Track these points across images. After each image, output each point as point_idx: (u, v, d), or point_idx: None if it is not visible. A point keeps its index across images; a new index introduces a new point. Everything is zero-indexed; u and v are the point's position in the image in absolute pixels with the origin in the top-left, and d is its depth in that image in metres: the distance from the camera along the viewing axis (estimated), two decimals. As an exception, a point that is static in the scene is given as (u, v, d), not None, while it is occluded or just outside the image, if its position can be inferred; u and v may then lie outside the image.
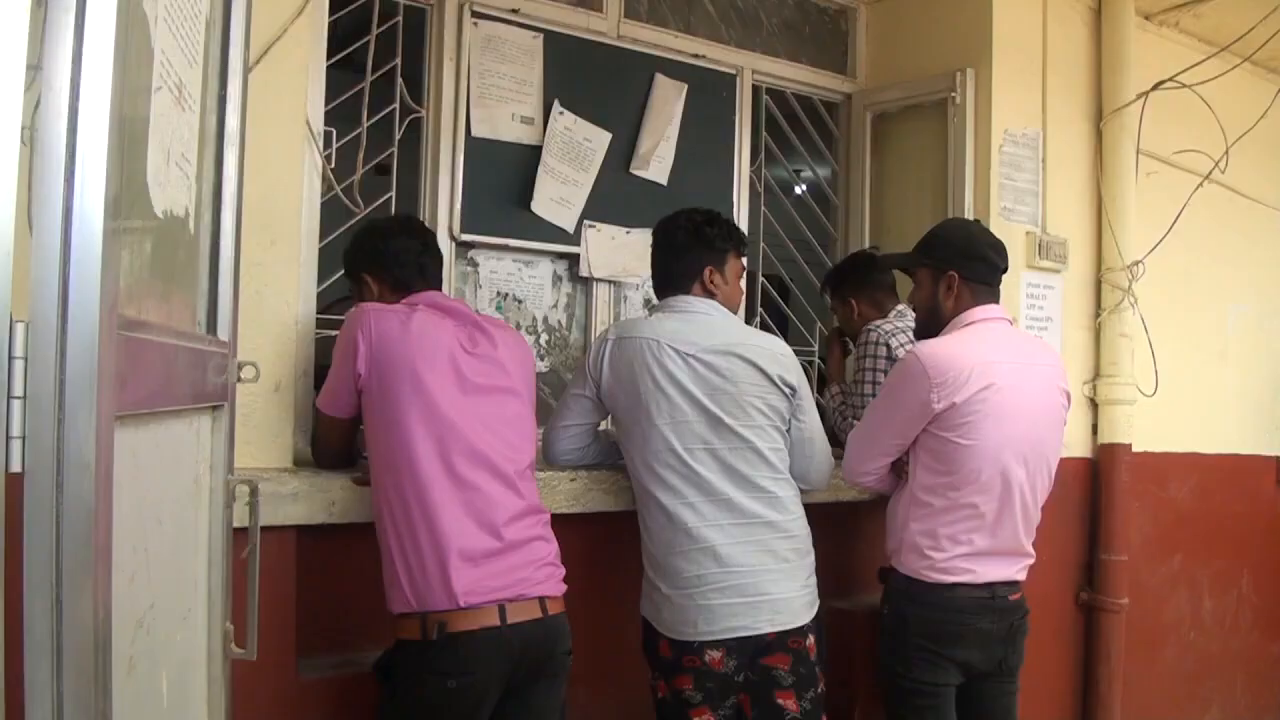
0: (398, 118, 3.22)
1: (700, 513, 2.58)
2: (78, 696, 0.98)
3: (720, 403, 2.59)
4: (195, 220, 1.60)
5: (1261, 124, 4.41)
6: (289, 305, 2.57)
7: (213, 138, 1.70)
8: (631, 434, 2.66)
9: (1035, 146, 3.98)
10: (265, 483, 2.31)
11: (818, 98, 4.21)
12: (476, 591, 2.21)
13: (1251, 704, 5.05)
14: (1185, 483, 4.58)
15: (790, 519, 2.66)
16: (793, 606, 2.64)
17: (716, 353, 2.62)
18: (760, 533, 2.61)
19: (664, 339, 2.62)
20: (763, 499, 2.62)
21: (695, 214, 2.81)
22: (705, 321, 2.70)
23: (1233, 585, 4.90)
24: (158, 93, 1.30)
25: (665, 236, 2.82)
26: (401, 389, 2.27)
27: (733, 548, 2.58)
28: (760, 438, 2.63)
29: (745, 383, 2.62)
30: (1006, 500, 2.64)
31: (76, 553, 0.97)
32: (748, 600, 2.59)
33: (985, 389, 2.56)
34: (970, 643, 2.66)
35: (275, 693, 2.41)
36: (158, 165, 1.32)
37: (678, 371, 2.59)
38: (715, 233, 2.78)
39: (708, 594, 2.57)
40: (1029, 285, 3.92)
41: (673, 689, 2.64)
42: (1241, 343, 4.89)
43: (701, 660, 2.59)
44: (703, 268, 2.75)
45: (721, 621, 2.58)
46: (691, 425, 2.58)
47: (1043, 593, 3.43)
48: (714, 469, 2.59)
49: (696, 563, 2.58)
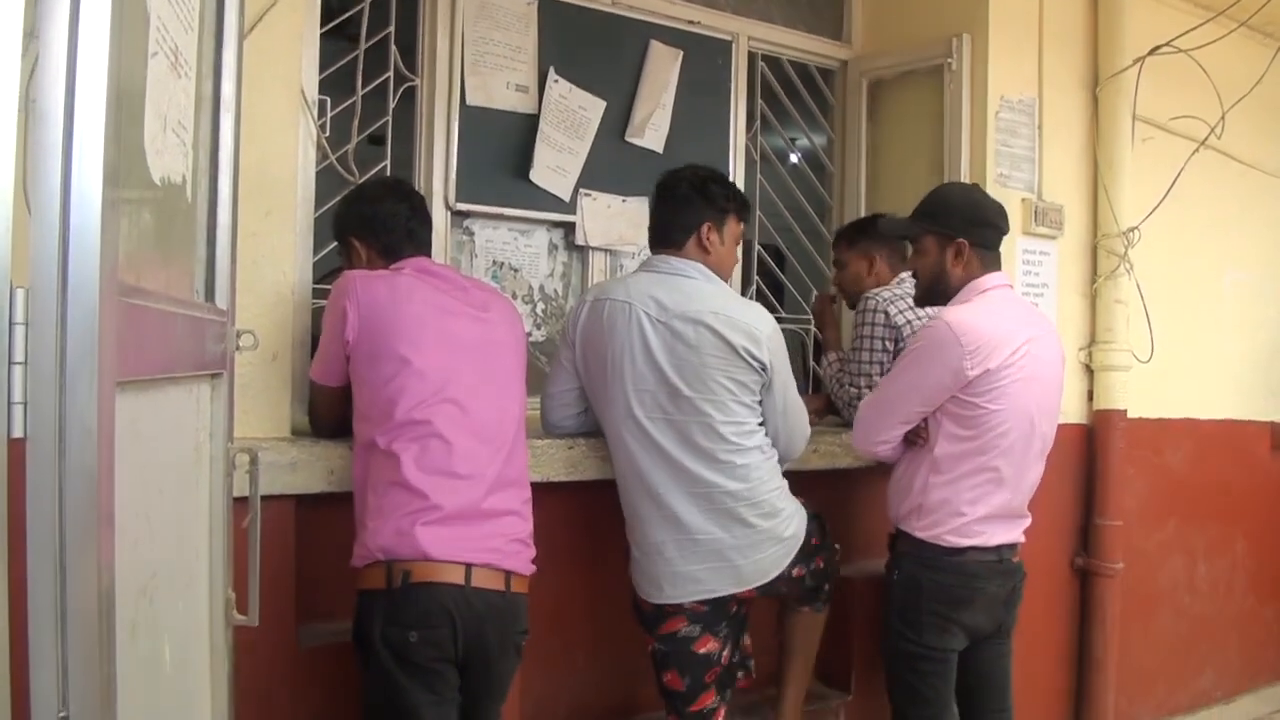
0: (392, 86, 3.21)
1: (661, 479, 2.60)
2: (82, 662, 0.99)
3: (681, 373, 2.57)
4: (192, 188, 1.60)
5: (1258, 88, 4.39)
6: (285, 275, 2.56)
7: (209, 105, 1.70)
8: (600, 397, 2.67)
9: (1031, 113, 3.96)
10: (265, 452, 2.32)
11: (813, 64, 4.19)
12: (444, 548, 2.21)
13: (1246, 668, 5.09)
14: (1180, 449, 4.60)
15: (752, 486, 2.63)
16: (761, 567, 2.67)
17: (686, 320, 2.59)
18: (722, 500, 2.61)
19: (636, 303, 2.62)
20: (721, 469, 2.60)
21: (700, 169, 2.79)
22: (683, 285, 2.66)
23: (1227, 550, 4.93)
24: (154, 58, 1.29)
25: (667, 188, 2.77)
26: (390, 353, 2.27)
27: (694, 515, 2.60)
28: (719, 411, 2.59)
29: (709, 354, 2.58)
30: (1022, 464, 2.67)
31: (80, 518, 0.97)
32: (712, 566, 2.63)
33: (1014, 354, 2.58)
34: (979, 607, 2.69)
35: (275, 660, 2.43)
36: (154, 132, 1.32)
37: (645, 338, 2.59)
38: (719, 190, 2.75)
39: (672, 559, 2.61)
40: (1025, 252, 3.92)
41: (661, 636, 2.70)
42: (1237, 309, 4.89)
43: (682, 608, 2.66)
44: (701, 222, 2.71)
45: (687, 585, 2.63)
46: (653, 393, 2.59)
47: (1038, 557, 3.45)
48: (672, 439, 2.59)
49: (660, 527, 2.61)
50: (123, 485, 1.08)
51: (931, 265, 2.77)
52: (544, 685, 2.96)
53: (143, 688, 1.34)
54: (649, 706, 3.07)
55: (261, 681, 2.38)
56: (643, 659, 2.89)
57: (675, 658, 2.69)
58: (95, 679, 1.00)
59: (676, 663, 2.69)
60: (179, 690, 1.59)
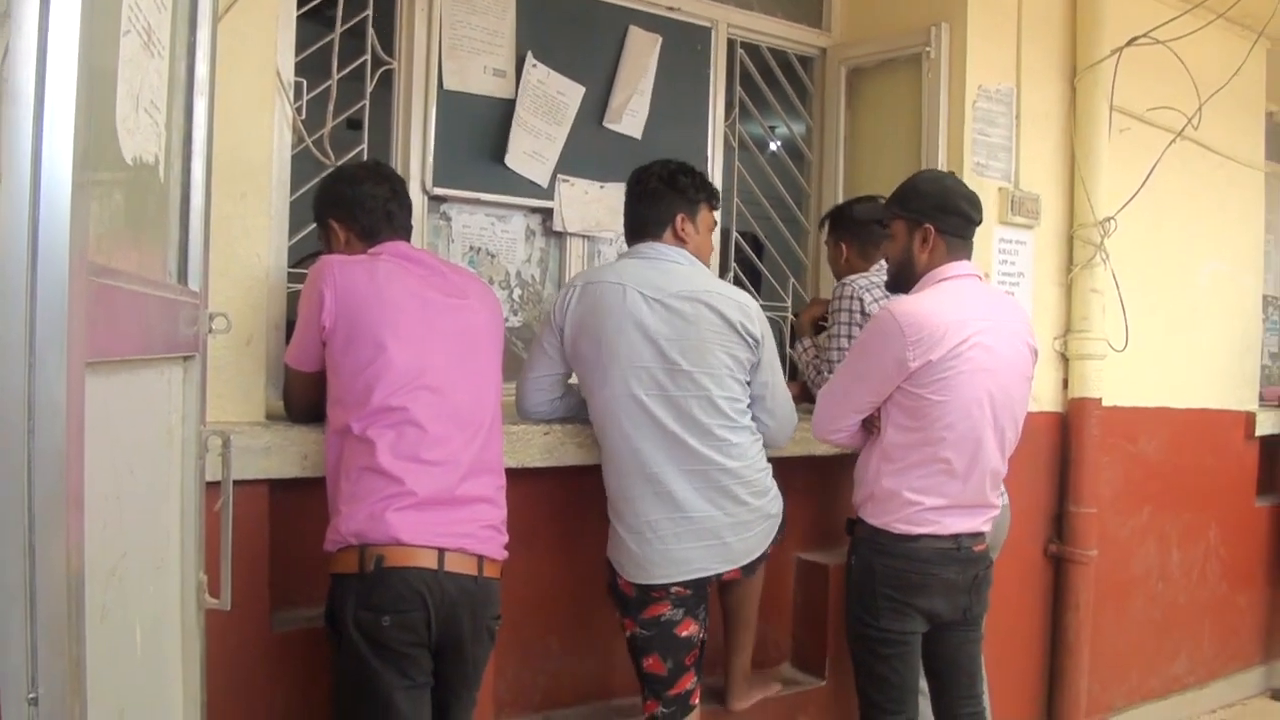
0: (369, 70, 3.19)
1: (657, 457, 2.62)
2: (51, 643, 0.98)
3: (681, 349, 2.62)
4: (165, 169, 1.59)
5: (1235, 80, 4.42)
6: (260, 258, 2.55)
7: (182, 86, 1.69)
8: (592, 375, 2.68)
9: (1009, 102, 3.98)
10: (238, 436, 2.30)
11: (792, 52, 4.19)
12: (417, 533, 2.21)
13: (1219, 653, 5.15)
14: (1155, 437, 4.64)
15: (746, 465, 2.71)
16: (749, 546, 2.75)
17: (682, 298, 2.65)
18: (718, 478, 2.66)
19: (629, 284, 2.65)
20: (718, 446, 2.65)
21: (669, 163, 2.84)
22: (672, 268, 2.72)
23: (1201, 538, 4.97)
24: (126, 37, 1.29)
25: (639, 184, 2.83)
26: (367, 339, 2.27)
27: (689, 493, 2.63)
28: (718, 386, 2.66)
29: (708, 330, 2.65)
30: (976, 455, 2.66)
31: (48, 498, 0.97)
32: (705, 544, 2.67)
33: (959, 346, 2.57)
34: (935, 592, 2.70)
35: (248, 644, 2.44)
36: (126, 111, 1.31)
37: (642, 316, 2.62)
38: (688, 182, 2.80)
39: (665, 538, 2.63)
40: (1001, 241, 3.94)
41: (644, 621, 2.71)
42: (1213, 299, 4.93)
43: (669, 593, 2.68)
44: (674, 214, 2.77)
45: (678, 565, 2.66)
46: (650, 370, 2.62)
47: (1012, 544, 3.47)
48: (670, 414, 2.62)
49: (654, 506, 2.63)
50: (92, 466, 1.08)
51: (900, 250, 2.79)
52: (518, 670, 2.97)
53: (113, 669, 1.34)
54: (624, 691, 3.09)
55: (234, 665, 2.39)
56: (618, 644, 2.90)
57: (658, 642, 2.71)
58: (64, 661, 1.00)
59: (659, 647, 2.71)
60: (150, 672, 1.59)
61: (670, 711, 2.74)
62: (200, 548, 1.82)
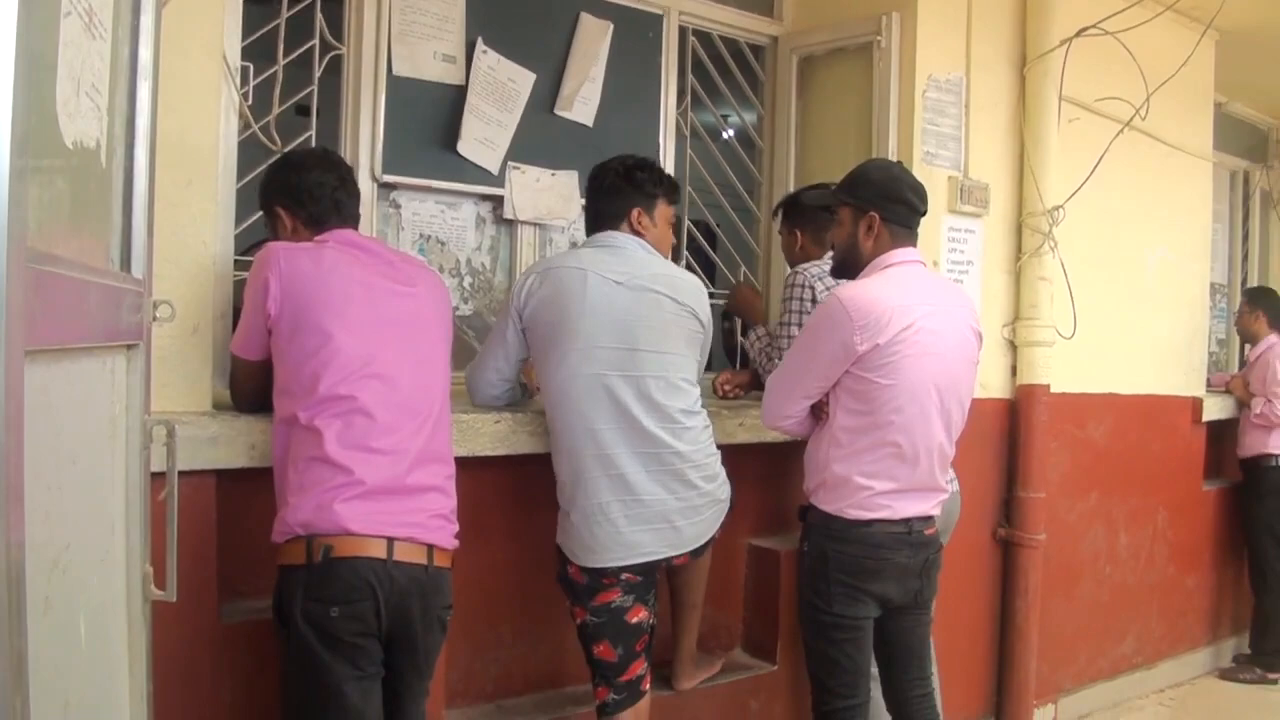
0: (317, 55, 3.15)
1: (612, 438, 2.64)
2: (-9, 635, 0.97)
3: (641, 330, 2.66)
4: (107, 154, 1.56)
5: (1183, 71, 4.49)
6: (206, 246, 2.52)
7: (125, 69, 1.66)
8: (551, 357, 2.69)
9: (959, 92, 4.01)
10: (184, 426, 2.29)
11: (744, 40, 4.19)
12: (366, 523, 2.19)
13: (1167, 634, 5.25)
14: (1103, 422, 4.71)
15: (697, 449, 2.75)
16: (699, 530, 2.79)
17: (641, 281, 2.70)
18: (670, 460, 2.69)
19: (590, 268, 2.69)
20: (673, 429, 2.69)
21: (627, 158, 2.88)
22: (630, 255, 2.76)
23: (1149, 521, 5.06)
24: (67, 18, 1.27)
25: (596, 180, 2.88)
26: (313, 327, 2.24)
27: (641, 475, 2.66)
28: (676, 368, 2.72)
29: (668, 313, 2.71)
30: (924, 439, 2.68)
31: (-13, 490, 0.95)
32: (655, 528, 2.69)
33: (905, 330, 2.60)
34: (888, 576, 2.72)
35: (197, 636, 2.41)
36: (67, 95, 1.29)
37: (603, 298, 2.65)
38: (645, 176, 2.84)
39: (616, 521, 2.65)
40: (950, 229, 3.97)
41: (594, 608, 2.72)
42: (1160, 287, 5.00)
43: (620, 580, 2.70)
44: (630, 208, 2.82)
45: (629, 549, 2.67)
46: (611, 350, 2.64)
47: (962, 529, 3.51)
48: (629, 394, 2.64)
49: (605, 488, 2.64)
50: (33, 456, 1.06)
51: (845, 237, 2.81)
52: (470, 659, 2.97)
53: (57, 662, 1.33)
54: (575, 679, 3.09)
55: (182, 657, 2.36)
56: (569, 632, 2.90)
57: (609, 629, 2.72)
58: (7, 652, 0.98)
59: (610, 634, 2.72)
60: (96, 664, 1.57)
61: (621, 698, 2.75)
62: (145, 539, 1.80)
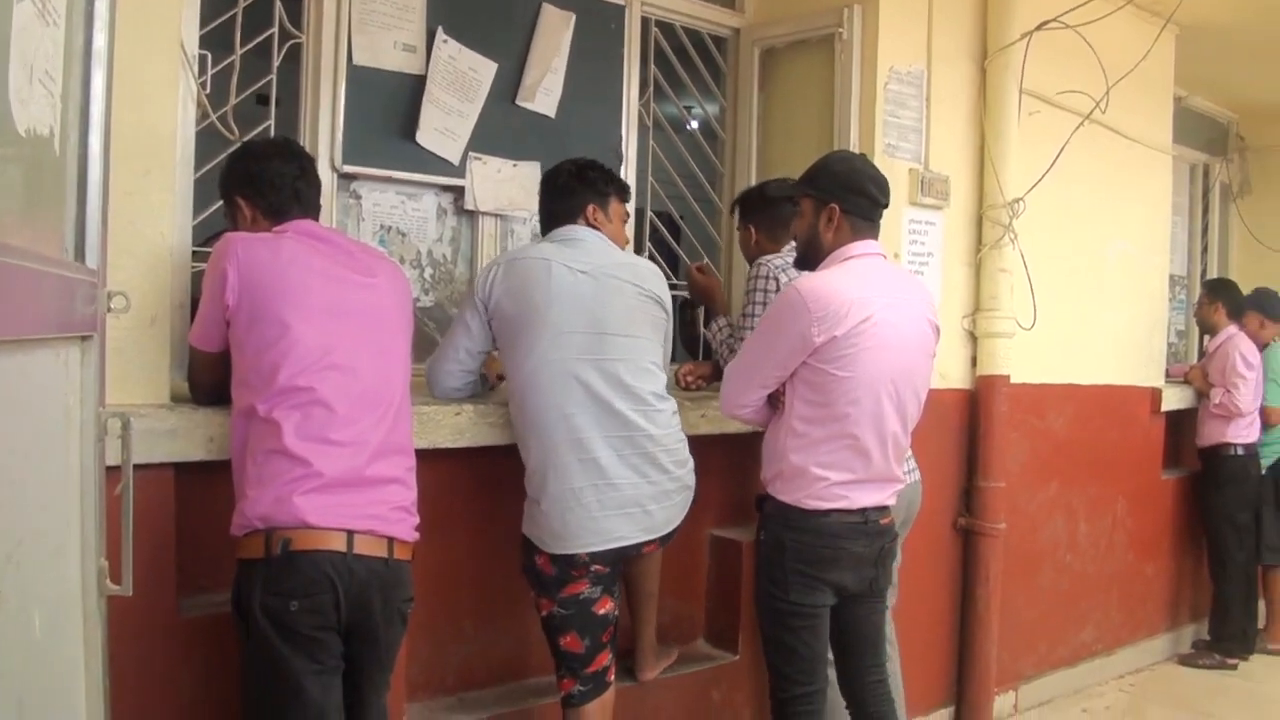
0: (276, 43, 3.12)
1: (584, 422, 2.66)
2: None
3: (608, 315, 2.70)
4: (61, 142, 1.55)
5: (1143, 65, 4.53)
6: (164, 236, 2.50)
7: (79, 56, 1.65)
8: (518, 345, 2.70)
9: (920, 84, 4.02)
10: (142, 419, 2.28)
11: (706, 32, 4.19)
12: (325, 516, 2.19)
13: (1126, 621, 5.31)
14: (1062, 413, 4.75)
15: (668, 433, 2.79)
16: (670, 515, 2.82)
17: (605, 270, 2.74)
18: (643, 444, 2.72)
19: (555, 259, 2.73)
20: (645, 411, 2.73)
21: (579, 160, 2.95)
22: (591, 247, 2.81)
23: (1108, 510, 5.12)
24: (19, 4, 1.26)
25: (549, 181, 2.95)
26: (272, 318, 2.24)
27: (614, 460, 2.68)
28: (645, 352, 2.77)
29: (633, 298, 2.77)
30: (880, 430, 2.70)
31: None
32: (627, 513, 2.71)
33: (863, 322, 2.61)
34: (844, 565, 2.74)
35: (156, 630, 2.40)
36: (20, 81, 1.29)
37: (569, 286, 2.69)
38: (597, 175, 2.91)
39: (589, 506, 2.66)
40: (911, 221, 3.99)
41: (562, 600, 2.73)
42: (1120, 279, 5.05)
43: (588, 570, 2.71)
44: (585, 205, 2.88)
45: (601, 535, 2.69)
46: (580, 335, 2.67)
47: (923, 519, 3.54)
48: (599, 379, 2.67)
49: (579, 473, 2.66)
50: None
51: (807, 228, 2.82)
52: (432, 652, 2.96)
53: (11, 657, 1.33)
54: (538, 670, 3.10)
55: (141, 651, 2.35)
56: (531, 624, 2.91)
57: (576, 620, 2.74)
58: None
59: (577, 625, 2.74)
60: (51, 659, 1.56)
61: (587, 689, 2.76)
62: (101, 532, 1.79)
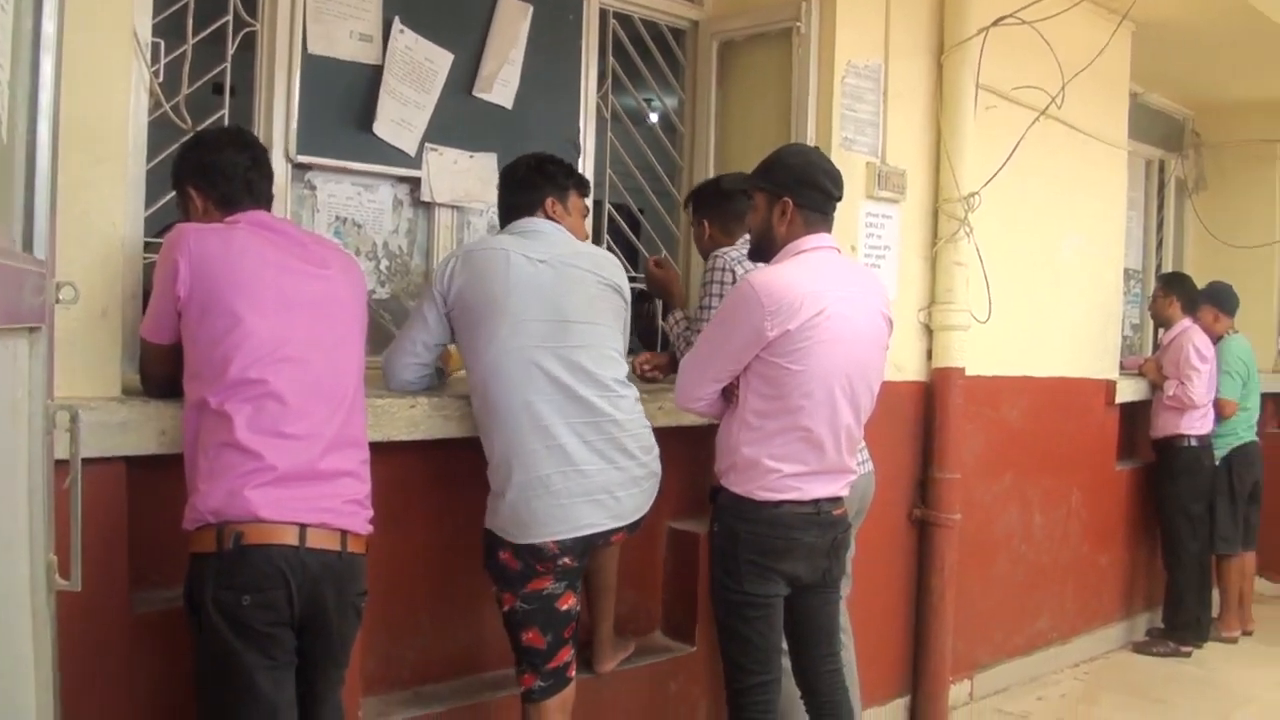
0: (230, 31, 3.09)
1: (548, 409, 2.66)
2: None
3: (569, 303, 2.71)
4: (8, 130, 1.53)
5: (1099, 61, 4.58)
6: (116, 227, 2.47)
7: (28, 43, 1.63)
8: (478, 335, 2.69)
9: (877, 78, 4.04)
10: (93, 412, 2.26)
11: (665, 24, 4.18)
12: (277, 509, 2.18)
13: (1081, 611, 5.38)
14: (1017, 405, 4.80)
15: (633, 419, 2.81)
16: (638, 503, 2.83)
17: (564, 259, 2.76)
18: (609, 430, 2.73)
19: (513, 249, 2.73)
20: (609, 397, 2.74)
21: (538, 154, 2.96)
22: (550, 238, 2.82)
23: (1063, 501, 5.18)
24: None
25: (508, 174, 2.96)
26: (224, 310, 2.22)
27: (580, 446, 2.68)
28: (607, 339, 2.79)
29: (593, 286, 2.79)
30: (833, 423, 2.72)
31: None
32: (596, 500, 2.71)
33: (816, 316, 2.63)
34: (797, 556, 2.76)
35: (107, 625, 2.37)
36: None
37: (528, 275, 2.69)
38: (556, 169, 2.92)
39: (558, 494, 2.66)
40: (868, 215, 4.01)
41: (526, 595, 2.72)
42: (1075, 272, 5.11)
43: (556, 564, 2.71)
44: (544, 198, 2.88)
45: (569, 522, 2.68)
46: (541, 323, 2.67)
47: (878, 510, 3.57)
48: (562, 366, 2.67)
49: (546, 460, 2.65)
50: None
51: (760, 222, 2.84)
52: (388, 646, 2.95)
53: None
54: (494, 664, 3.10)
55: (93, 647, 2.32)
56: (488, 617, 2.91)
57: (539, 616, 2.73)
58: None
59: (540, 621, 2.73)
60: None
61: (548, 685, 2.76)
62: (49, 527, 1.77)
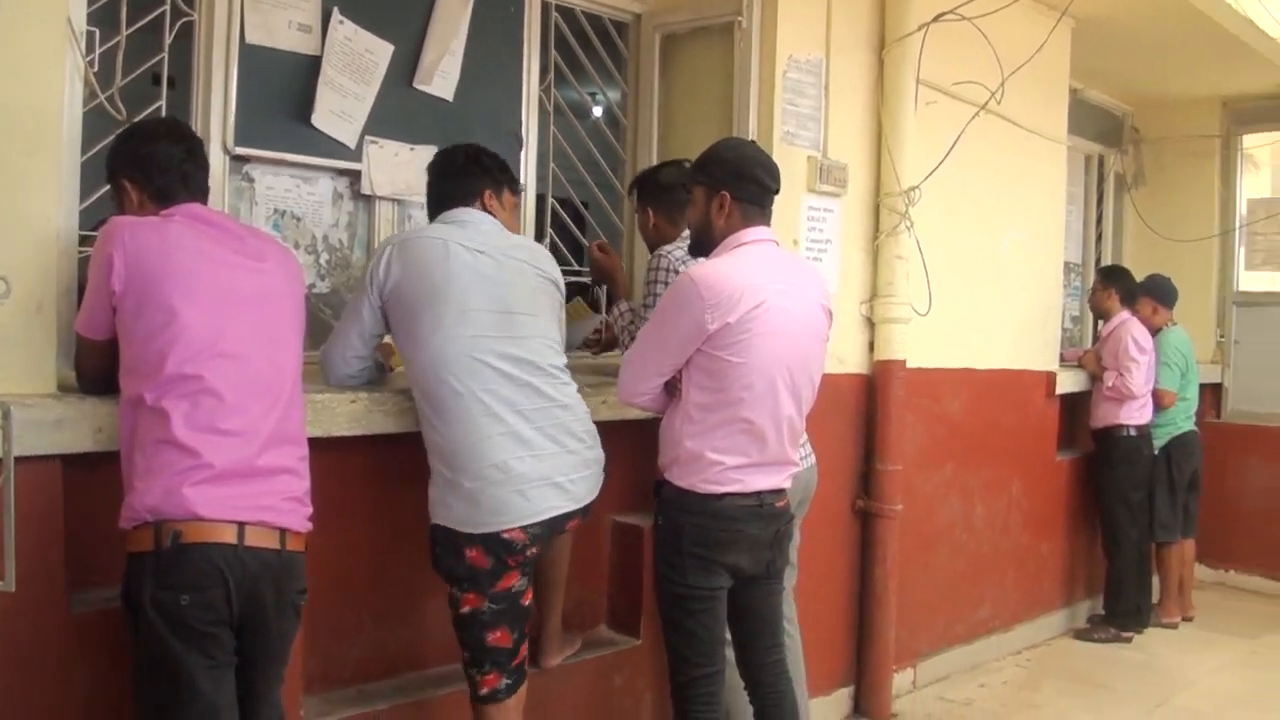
0: (168, 21, 3.04)
1: (499, 398, 2.65)
2: None
3: (510, 293, 2.71)
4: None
5: (1039, 58, 4.63)
6: (50, 220, 2.43)
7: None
8: (420, 325, 2.66)
9: (818, 73, 4.07)
10: (28, 409, 2.23)
11: (607, 17, 4.19)
12: (215, 508, 2.16)
13: (1022, 599, 5.47)
14: (958, 397, 4.86)
15: (578, 403, 2.83)
16: (589, 486, 2.84)
17: (503, 250, 2.76)
18: (558, 415, 2.75)
19: (451, 239, 2.71)
20: (556, 384, 2.76)
21: (472, 145, 2.95)
22: (486, 229, 2.81)
23: (1004, 491, 5.25)
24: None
25: (443, 162, 2.93)
26: (159, 304, 2.19)
27: (532, 431, 2.69)
28: (548, 331, 2.80)
29: (533, 278, 2.80)
30: (775, 415, 2.74)
31: None
32: (554, 483, 2.72)
33: (756, 308, 2.65)
34: (741, 548, 2.78)
35: (44, 626, 2.34)
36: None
37: (469, 265, 2.68)
38: (492, 162, 2.92)
39: (515, 479, 2.65)
40: (810, 208, 4.03)
41: (496, 595, 2.69)
42: (1015, 265, 5.18)
43: (524, 556, 2.70)
44: (482, 189, 2.87)
45: (532, 503, 2.67)
46: (485, 314, 2.66)
47: (821, 501, 3.60)
48: (508, 356, 2.67)
49: (500, 447, 2.64)
50: None
51: (699, 215, 2.86)
52: (330, 644, 2.92)
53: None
54: (437, 660, 3.09)
55: (29, 647, 2.30)
56: (431, 613, 2.90)
57: (508, 615, 2.71)
58: None
59: (509, 620, 2.72)
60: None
61: (512, 682, 2.74)
62: (-19, 527, 1.75)
